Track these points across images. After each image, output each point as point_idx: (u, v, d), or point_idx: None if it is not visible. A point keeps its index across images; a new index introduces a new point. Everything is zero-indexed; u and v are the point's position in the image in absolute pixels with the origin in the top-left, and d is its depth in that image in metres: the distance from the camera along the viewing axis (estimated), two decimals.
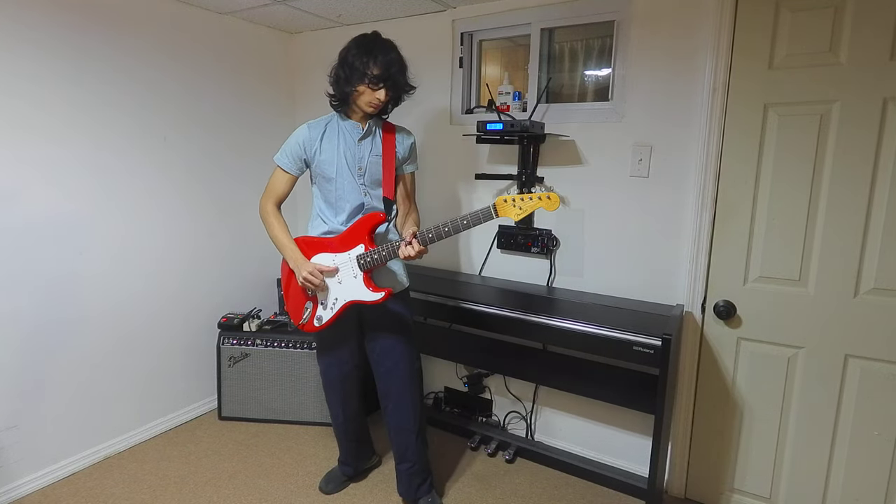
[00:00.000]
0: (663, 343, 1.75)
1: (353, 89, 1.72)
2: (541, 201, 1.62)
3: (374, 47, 1.70)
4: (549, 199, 1.61)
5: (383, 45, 1.71)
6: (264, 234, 3.00)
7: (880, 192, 1.66)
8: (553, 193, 1.62)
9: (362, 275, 1.77)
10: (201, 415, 2.73)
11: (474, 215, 1.65)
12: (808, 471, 1.89)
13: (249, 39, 2.77)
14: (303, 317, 1.88)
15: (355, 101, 1.76)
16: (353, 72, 1.70)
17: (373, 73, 1.67)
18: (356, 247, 1.78)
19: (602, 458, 2.31)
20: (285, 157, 1.88)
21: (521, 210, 1.63)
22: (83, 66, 2.11)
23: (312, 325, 1.86)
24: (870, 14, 1.62)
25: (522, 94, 2.38)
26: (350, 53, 1.72)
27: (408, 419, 1.94)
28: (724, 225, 1.93)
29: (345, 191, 1.82)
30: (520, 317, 2.03)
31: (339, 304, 1.80)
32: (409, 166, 1.96)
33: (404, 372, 1.92)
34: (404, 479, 2.00)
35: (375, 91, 1.70)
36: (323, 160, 1.82)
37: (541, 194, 1.62)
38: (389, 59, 1.69)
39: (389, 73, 1.69)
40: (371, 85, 1.69)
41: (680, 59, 1.96)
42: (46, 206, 2.06)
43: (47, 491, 2.10)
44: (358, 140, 1.82)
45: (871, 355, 1.74)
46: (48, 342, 2.11)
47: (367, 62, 1.68)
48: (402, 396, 1.93)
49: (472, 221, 1.65)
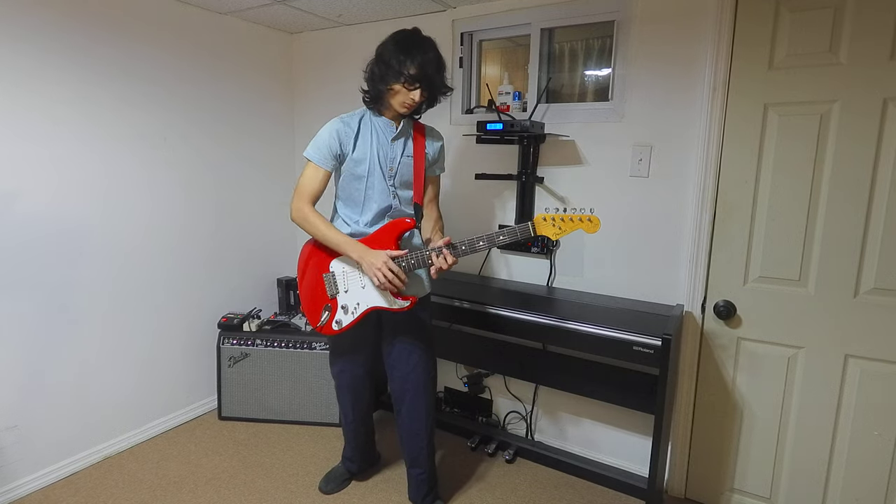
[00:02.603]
0: (663, 343, 1.75)
1: (388, 87, 1.67)
2: (581, 223, 1.56)
3: (411, 45, 1.64)
4: (591, 221, 1.56)
5: (421, 44, 1.65)
6: (264, 234, 3.03)
7: (880, 192, 1.66)
8: (594, 216, 1.56)
9: None
10: (201, 415, 2.73)
11: (511, 231, 1.61)
12: (808, 471, 1.89)
13: (249, 39, 2.77)
14: (321, 319, 1.81)
15: (389, 100, 1.70)
16: (388, 69, 1.64)
17: (409, 72, 1.62)
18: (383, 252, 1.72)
19: (602, 458, 2.31)
20: (318, 151, 1.74)
21: (559, 230, 1.58)
22: (82, 66, 2.11)
23: (331, 329, 1.79)
24: (870, 14, 1.62)
25: (522, 94, 2.38)
26: (387, 50, 1.66)
27: (421, 425, 1.91)
28: (724, 225, 1.93)
29: (374, 191, 1.76)
30: (520, 317, 2.03)
31: (360, 308, 1.75)
32: (437, 168, 1.92)
33: (420, 378, 1.88)
34: (414, 485, 1.99)
35: (410, 91, 1.65)
36: (356, 157, 1.75)
37: (582, 216, 1.56)
38: (426, 59, 1.63)
39: (426, 74, 1.64)
40: (406, 84, 1.64)
41: (680, 59, 1.96)
42: (46, 206, 2.05)
43: (47, 491, 2.10)
44: (391, 139, 1.77)
45: (871, 355, 1.74)
46: (48, 342, 2.11)
47: (404, 61, 1.62)
48: (415, 402, 1.89)
49: (508, 237, 1.61)
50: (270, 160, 2.98)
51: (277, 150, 3.01)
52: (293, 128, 3.09)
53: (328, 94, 2.93)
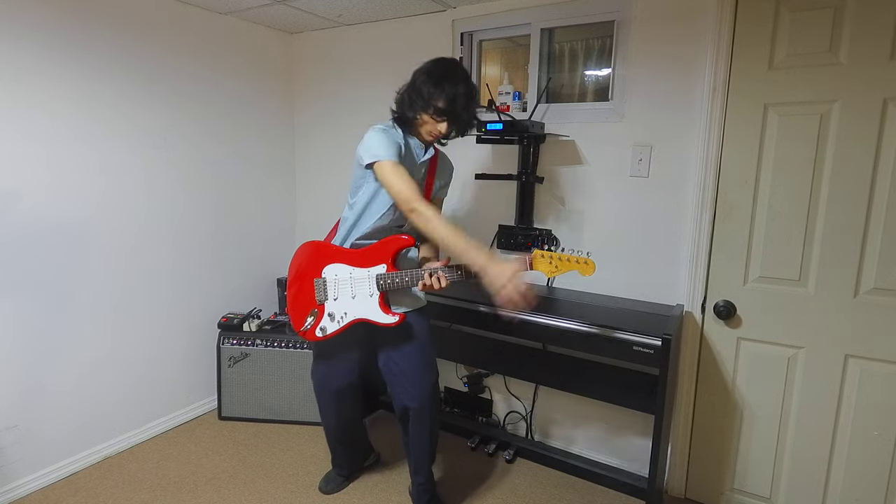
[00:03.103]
0: (663, 343, 1.75)
1: (416, 115, 1.69)
2: (577, 265, 1.64)
3: (444, 78, 1.64)
4: (587, 264, 1.64)
5: (453, 77, 1.65)
6: (264, 234, 3.03)
7: (880, 192, 1.67)
8: (590, 260, 1.64)
9: (378, 295, 1.72)
10: (201, 415, 2.73)
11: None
12: (808, 471, 1.89)
13: (249, 39, 2.77)
14: (305, 323, 1.80)
15: (417, 127, 1.73)
16: (418, 98, 1.66)
17: (437, 104, 1.63)
18: (378, 265, 1.72)
19: (602, 458, 2.31)
20: (389, 149, 1.63)
21: (555, 269, 1.65)
22: (82, 66, 2.11)
23: (314, 335, 1.79)
24: (870, 14, 1.62)
25: (522, 94, 2.38)
26: (419, 79, 1.68)
27: (426, 439, 1.91)
28: (724, 225, 1.93)
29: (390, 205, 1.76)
30: (520, 317, 2.03)
31: (347, 318, 1.75)
32: (442, 191, 1.95)
33: (423, 392, 1.85)
34: (416, 492, 1.99)
35: (438, 123, 1.67)
36: None
37: (579, 258, 1.64)
38: (456, 94, 1.63)
39: (454, 109, 1.64)
40: (434, 116, 1.65)
41: (680, 58, 1.96)
42: (46, 206, 2.05)
43: (47, 491, 2.10)
44: (419, 161, 1.79)
45: (871, 355, 1.74)
46: (48, 342, 2.11)
47: (434, 93, 1.63)
48: (420, 417, 1.87)
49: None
50: (271, 160, 2.97)
51: (277, 150, 3.01)
52: (293, 128, 3.09)
53: (328, 94, 2.92)
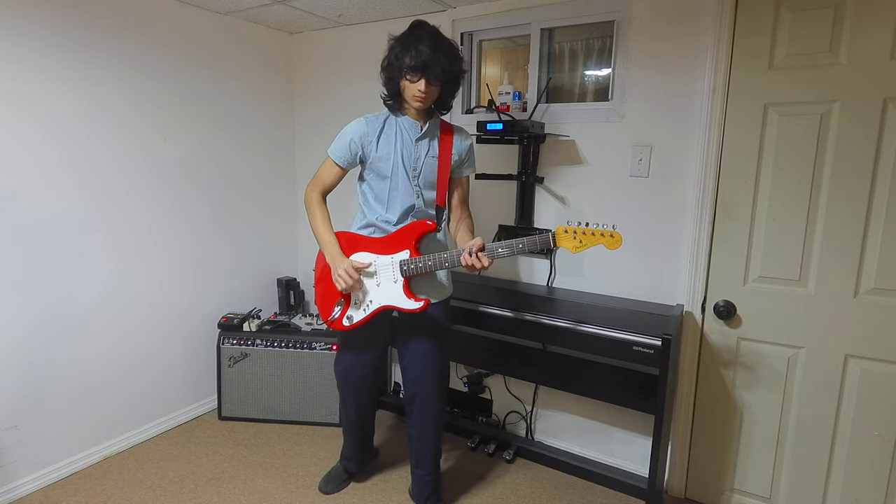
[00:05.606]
0: (663, 343, 1.75)
1: (398, 86, 1.70)
2: (603, 238, 1.55)
3: (409, 39, 1.64)
4: (613, 237, 1.55)
5: (418, 35, 1.64)
6: (264, 234, 3.03)
7: (880, 192, 1.66)
8: (616, 232, 1.55)
9: (402, 281, 1.73)
10: (201, 415, 2.73)
11: (531, 241, 1.60)
12: (808, 471, 1.89)
13: (249, 39, 2.77)
14: (332, 313, 1.81)
15: (404, 97, 1.72)
16: (391, 67, 1.68)
17: (407, 63, 1.62)
18: (401, 252, 1.73)
19: (602, 458, 2.31)
20: (338, 150, 1.79)
21: (580, 244, 1.57)
22: (82, 65, 2.11)
23: (341, 324, 1.80)
24: (870, 14, 1.62)
25: (522, 94, 2.38)
26: (392, 50, 1.69)
27: (430, 428, 1.91)
28: (724, 225, 1.93)
29: (398, 191, 1.77)
30: (520, 317, 2.03)
31: (373, 306, 1.76)
32: (466, 169, 1.90)
33: (433, 380, 1.88)
34: (417, 485, 1.99)
35: (415, 83, 1.65)
36: (379, 157, 1.76)
37: (604, 231, 1.55)
38: (420, 46, 1.61)
39: (422, 62, 1.60)
40: (409, 77, 1.64)
41: (680, 58, 1.96)
42: (46, 207, 2.05)
43: (47, 491, 2.10)
44: (416, 140, 1.77)
45: (871, 355, 1.74)
46: (48, 342, 2.11)
47: (402, 55, 1.64)
48: (426, 404, 1.89)
49: (527, 246, 1.60)
50: (270, 160, 2.97)
51: (277, 150, 3.01)
52: (293, 128, 3.09)
53: (328, 94, 2.93)
